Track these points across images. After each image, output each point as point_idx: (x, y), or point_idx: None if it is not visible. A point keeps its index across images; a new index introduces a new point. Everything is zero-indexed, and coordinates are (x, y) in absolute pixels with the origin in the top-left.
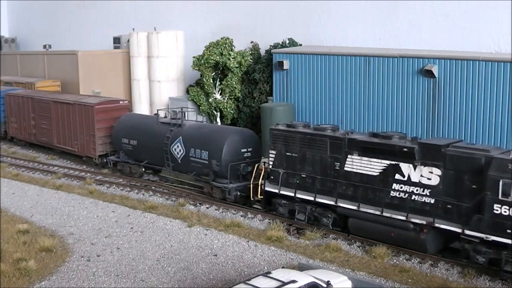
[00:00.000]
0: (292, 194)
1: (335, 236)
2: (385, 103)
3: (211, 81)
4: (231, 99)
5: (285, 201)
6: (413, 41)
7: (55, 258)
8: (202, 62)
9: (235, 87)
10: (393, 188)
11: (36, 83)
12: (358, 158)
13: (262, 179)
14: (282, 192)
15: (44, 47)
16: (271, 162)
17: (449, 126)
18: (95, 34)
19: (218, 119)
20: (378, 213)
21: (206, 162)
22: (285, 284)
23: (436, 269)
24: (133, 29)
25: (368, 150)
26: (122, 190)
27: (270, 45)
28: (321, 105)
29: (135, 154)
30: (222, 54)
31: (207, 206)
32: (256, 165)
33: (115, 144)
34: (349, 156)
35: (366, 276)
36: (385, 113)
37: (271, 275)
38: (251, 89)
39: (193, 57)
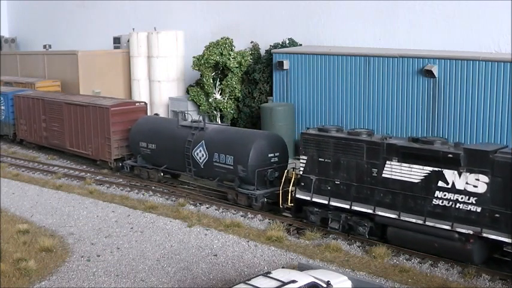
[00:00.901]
0: (326, 202)
1: (335, 236)
2: (385, 103)
3: (211, 81)
4: (231, 99)
5: (317, 209)
6: (413, 41)
7: (55, 258)
8: (202, 62)
9: (235, 87)
10: (436, 195)
11: (36, 83)
12: (398, 164)
13: (292, 186)
14: (314, 199)
15: (44, 47)
16: (301, 168)
17: (449, 126)
18: (95, 34)
19: (218, 119)
20: (420, 222)
21: (231, 167)
22: (285, 284)
23: (436, 269)
24: (133, 29)
25: (408, 156)
26: (122, 190)
27: (270, 45)
28: (321, 105)
29: (153, 158)
30: (222, 54)
31: (207, 206)
32: (286, 170)
33: (132, 148)
34: (387, 162)
35: (366, 276)
36: (385, 113)
37: (271, 275)
38: (251, 89)
39: (193, 57)
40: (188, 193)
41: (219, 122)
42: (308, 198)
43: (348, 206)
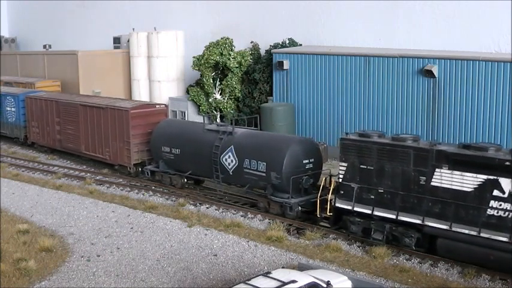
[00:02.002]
0: (369, 212)
1: (335, 236)
2: (385, 103)
3: (211, 81)
4: (231, 99)
5: (359, 219)
6: (413, 41)
7: (55, 258)
8: (202, 62)
9: (235, 87)
10: (491, 205)
11: (36, 83)
12: (448, 172)
13: (331, 194)
14: (356, 209)
15: (44, 47)
16: (341, 176)
17: (449, 126)
18: (95, 34)
19: (218, 119)
20: (474, 233)
21: (263, 174)
22: (285, 284)
23: (436, 269)
24: (133, 29)
25: (460, 163)
26: (122, 190)
27: (270, 45)
28: (321, 105)
29: (176, 164)
30: (222, 54)
31: (207, 206)
32: (324, 178)
33: (153, 152)
34: (437, 169)
35: (366, 276)
36: (385, 113)
37: (271, 275)
38: (251, 89)
39: (193, 57)
40: (188, 193)
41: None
42: (349, 207)
43: (393, 216)
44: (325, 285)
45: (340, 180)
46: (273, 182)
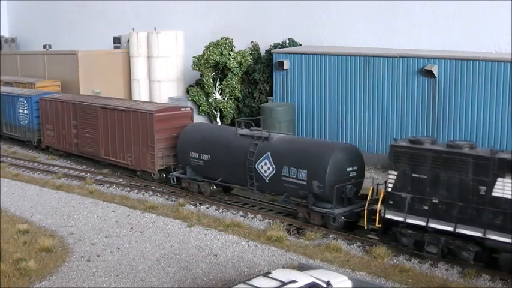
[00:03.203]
0: (423, 223)
1: (335, 236)
2: (385, 103)
3: (211, 81)
4: (231, 99)
5: (411, 231)
6: (413, 41)
7: (55, 258)
8: (202, 62)
9: (235, 87)
10: None
11: (36, 83)
12: None
13: (380, 205)
14: (408, 220)
15: (44, 47)
16: (390, 185)
17: (449, 126)
18: (95, 34)
19: (218, 119)
20: None
21: (304, 183)
22: (285, 284)
23: (436, 269)
24: (133, 29)
25: None
26: (122, 190)
27: (270, 45)
28: (321, 105)
29: (206, 171)
30: (222, 54)
31: (207, 206)
32: (371, 187)
33: (180, 158)
34: (499, 179)
35: (366, 276)
36: (385, 113)
37: (271, 275)
38: (251, 89)
39: (193, 57)
40: (188, 193)
41: (219, 122)
42: (401, 218)
43: (451, 229)
44: (325, 285)
45: (390, 189)
46: (315, 191)
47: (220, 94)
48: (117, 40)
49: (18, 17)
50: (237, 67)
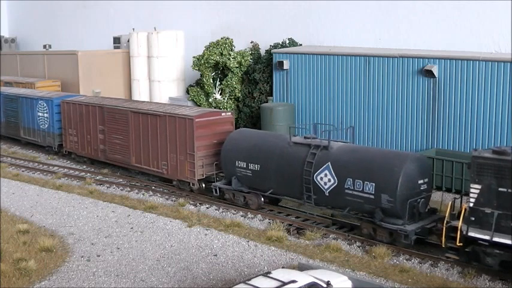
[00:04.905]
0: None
1: (335, 236)
2: (385, 103)
3: (211, 81)
4: (231, 99)
5: (497, 251)
6: (413, 41)
7: (55, 258)
8: (202, 62)
9: (235, 87)
10: None
11: (36, 83)
12: None
13: (462, 221)
14: (495, 239)
15: (44, 47)
16: (472, 199)
17: (449, 126)
18: (95, 34)
19: None
20: None
21: (371, 197)
22: (285, 284)
23: (436, 269)
24: (133, 29)
25: None
26: (122, 190)
27: (270, 45)
28: (321, 105)
29: (254, 181)
30: (222, 54)
31: (207, 206)
32: (450, 202)
33: (225, 167)
34: None
35: (366, 276)
36: (385, 113)
37: (271, 275)
38: (251, 89)
39: (193, 57)
40: (188, 193)
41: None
42: (487, 237)
43: None
44: (325, 285)
45: (472, 204)
46: (384, 206)
47: (220, 94)
48: (117, 40)
49: (18, 17)
50: (237, 67)
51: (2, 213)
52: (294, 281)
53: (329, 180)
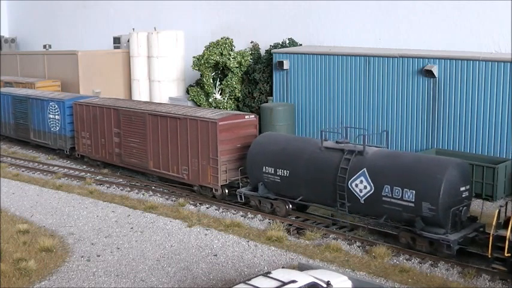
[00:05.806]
0: None
1: (335, 236)
2: (385, 103)
3: (211, 81)
4: (231, 99)
5: None
6: (413, 41)
7: (55, 258)
8: (202, 62)
9: (235, 87)
10: None
11: (36, 83)
12: None
13: (510, 231)
14: None
15: (44, 47)
16: None
17: (449, 126)
18: (95, 34)
19: None
20: None
21: (411, 205)
22: (285, 284)
23: (436, 269)
24: (133, 29)
25: None
26: (122, 190)
27: (270, 45)
28: (321, 105)
29: (283, 188)
30: (222, 54)
31: (207, 206)
32: (497, 210)
33: (251, 173)
34: None
35: (366, 276)
36: (385, 113)
37: (271, 275)
38: (251, 89)
39: (193, 57)
40: (188, 193)
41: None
42: None
43: None
44: (325, 285)
45: None
46: (424, 214)
47: (220, 94)
48: (117, 40)
49: (18, 17)
50: (237, 67)
51: (2, 213)
52: (294, 281)
53: (365, 187)
